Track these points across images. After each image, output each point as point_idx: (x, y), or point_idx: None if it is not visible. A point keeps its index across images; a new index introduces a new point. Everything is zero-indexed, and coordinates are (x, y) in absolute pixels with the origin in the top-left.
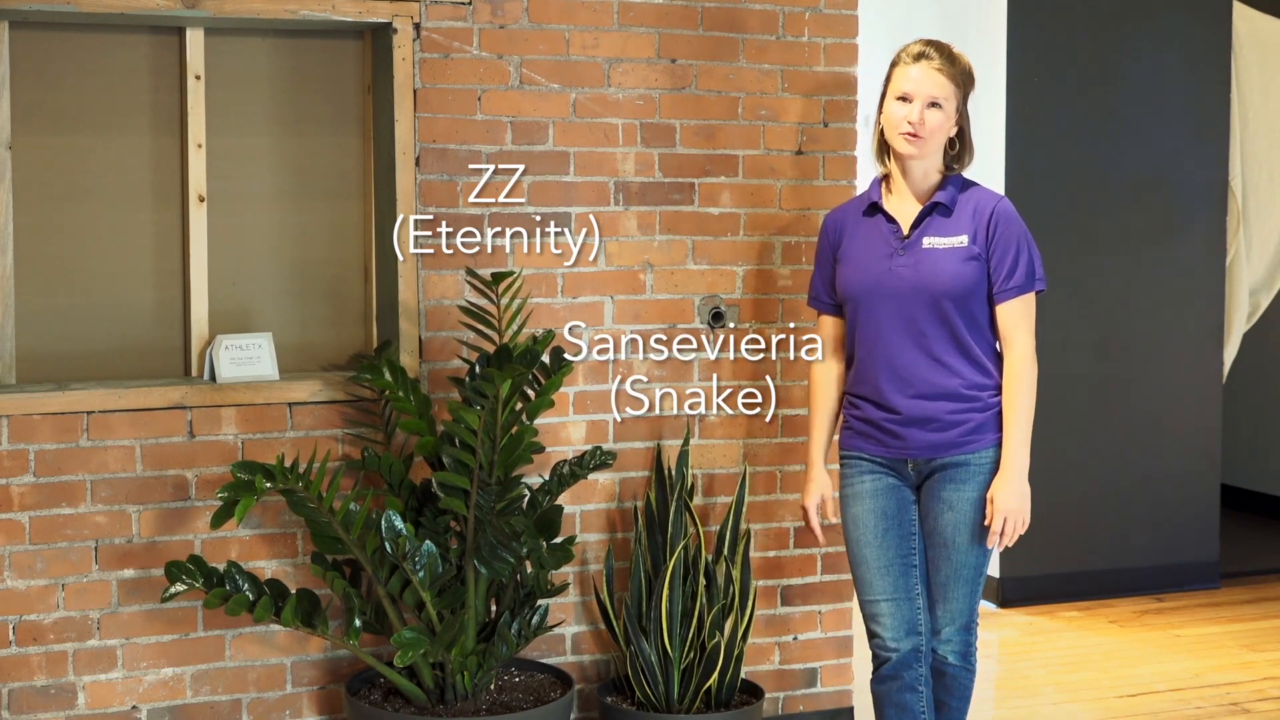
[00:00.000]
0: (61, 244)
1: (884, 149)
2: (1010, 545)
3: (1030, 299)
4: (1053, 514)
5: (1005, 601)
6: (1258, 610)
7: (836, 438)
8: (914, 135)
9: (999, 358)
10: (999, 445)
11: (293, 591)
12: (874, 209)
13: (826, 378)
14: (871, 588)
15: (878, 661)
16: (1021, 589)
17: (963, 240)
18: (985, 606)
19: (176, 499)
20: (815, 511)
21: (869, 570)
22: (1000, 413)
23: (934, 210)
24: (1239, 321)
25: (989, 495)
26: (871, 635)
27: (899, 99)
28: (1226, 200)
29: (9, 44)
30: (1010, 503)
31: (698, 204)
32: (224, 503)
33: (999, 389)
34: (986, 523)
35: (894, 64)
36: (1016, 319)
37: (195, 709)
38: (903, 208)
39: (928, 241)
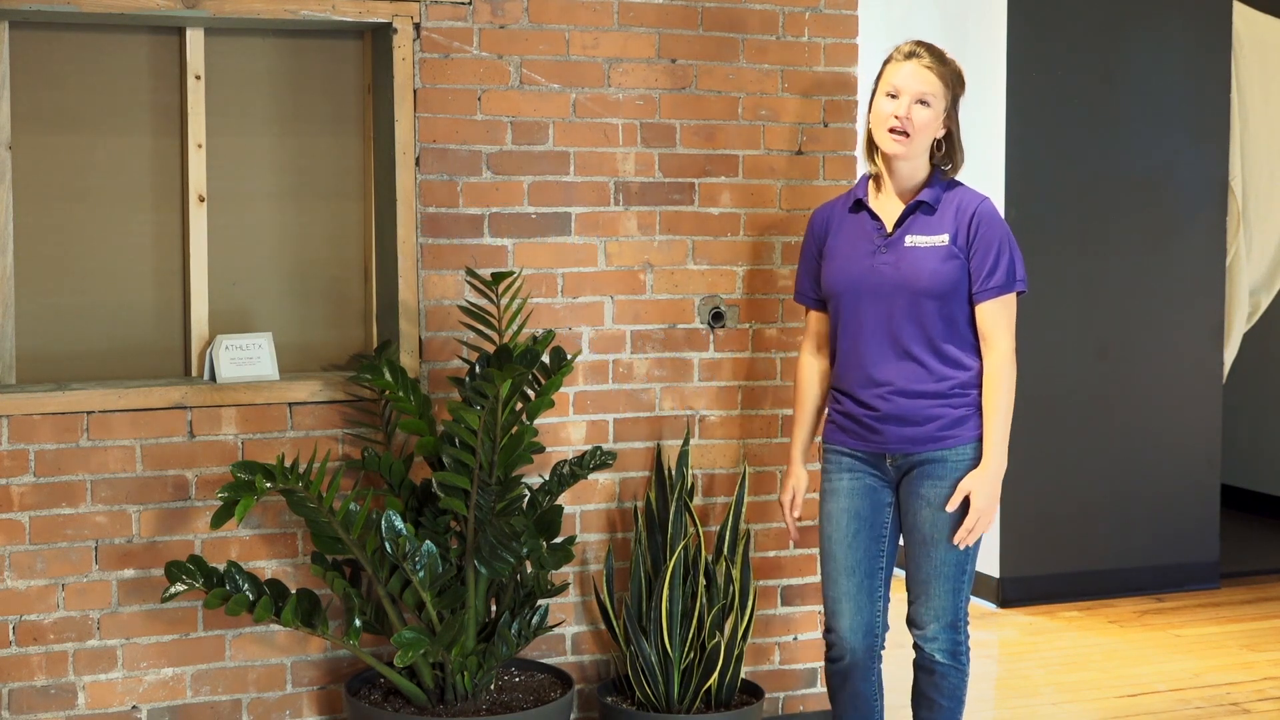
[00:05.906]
0: (61, 244)
1: (872, 148)
2: (970, 544)
3: (1010, 300)
4: (1053, 514)
5: (1005, 601)
6: (1258, 610)
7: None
8: (899, 132)
9: (977, 353)
10: (978, 442)
11: (293, 591)
12: (859, 206)
13: (811, 374)
14: (835, 584)
15: (832, 651)
16: (1021, 589)
17: (944, 239)
18: (986, 606)
19: (176, 499)
20: (789, 507)
21: (835, 567)
22: (979, 406)
23: (918, 209)
24: (1239, 321)
25: (964, 485)
26: (828, 629)
27: (888, 95)
28: (1226, 200)
29: (9, 44)
30: (986, 502)
31: (698, 204)
32: (224, 503)
33: (978, 382)
34: (949, 507)
35: (885, 62)
36: (996, 319)
37: (195, 709)
38: (888, 205)
39: (910, 240)
